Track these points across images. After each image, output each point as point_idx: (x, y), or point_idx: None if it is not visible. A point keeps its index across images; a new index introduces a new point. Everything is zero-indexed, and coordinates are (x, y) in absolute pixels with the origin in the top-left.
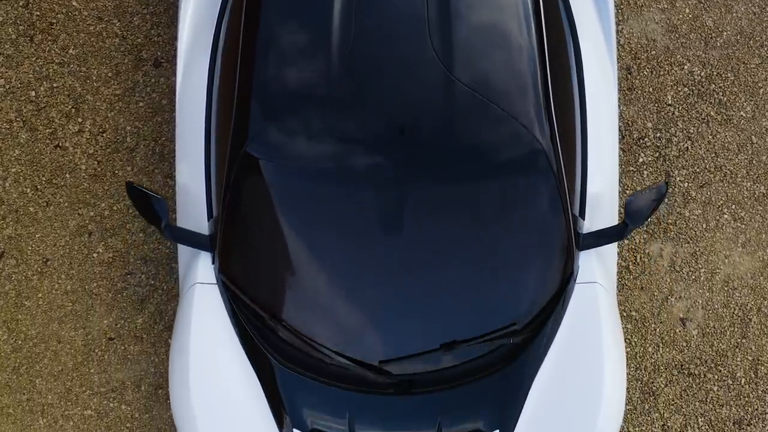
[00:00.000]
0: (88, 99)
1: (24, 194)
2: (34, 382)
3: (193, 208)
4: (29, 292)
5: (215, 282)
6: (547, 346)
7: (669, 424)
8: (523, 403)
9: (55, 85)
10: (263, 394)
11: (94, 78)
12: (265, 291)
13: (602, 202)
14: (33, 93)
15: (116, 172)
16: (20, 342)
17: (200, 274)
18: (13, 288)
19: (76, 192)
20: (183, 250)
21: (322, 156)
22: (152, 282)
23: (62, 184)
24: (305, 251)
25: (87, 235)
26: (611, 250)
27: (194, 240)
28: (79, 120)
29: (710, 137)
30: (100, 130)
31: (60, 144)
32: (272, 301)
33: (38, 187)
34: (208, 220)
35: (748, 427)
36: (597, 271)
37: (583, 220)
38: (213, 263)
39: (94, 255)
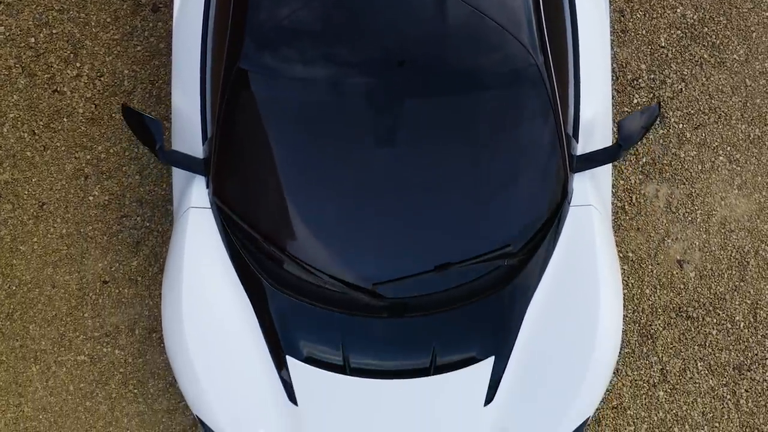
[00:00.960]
0: (87, 44)
1: (21, 139)
2: (28, 328)
3: (188, 134)
4: (24, 236)
5: (209, 206)
6: (542, 269)
7: (668, 368)
8: (519, 328)
9: (54, 31)
10: (256, 321)
11: (93, 23)
12: (258, 213)
13: (595, 129)
14: (32, 39)
15: (113, 115)
16: (14, 288)
17: (194, 199)
18: (8, 233)
19: (74, 136)
20: (177, 177)
21: (316, 72)
22: (147, 224)
23: (60, 128)
24: (299, 171)
25: (83, 179)
26: (606, 175)
27: (188, 163)
28: (78, 65)
29: (704, 80)
30: (98, 74)
31: (58, 89)
32: (266, 223)
33: (36, 131)
34: (203, 144)
35: (748, 373)
36: (591, 195)
37: (577, 143)
38: (207, 188)
39: (90, 198)
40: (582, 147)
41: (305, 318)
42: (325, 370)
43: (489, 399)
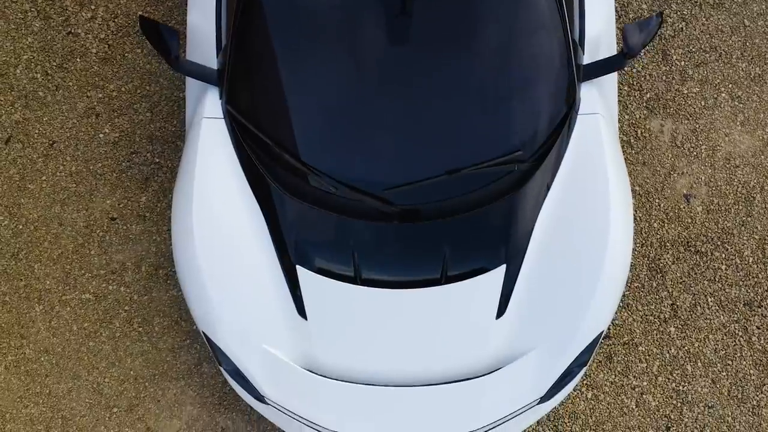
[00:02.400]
0: None
1: (34, 79)
2: (33, 267)
3: (203, 49)
4: (33, 175)
5: (222, 117)
6: (552, 176)
7: (678, 303)
8: (529, 237)
9: None
10: (267, 232)
11: None
12: (271, 120)
13: (600, 48)
14: None
15: (126, 54)
16: (21, 227)
17: (207, 109)
18: (17, 172)
19: (86, 75)
20: (190, 90)
21: None
22: (157, 160)
23: (72, 68)
24: (311, 78)
25: (94, 117)
26: (612, 87)
27: (202, 73)
28: (92, 7)
29: (704, 19)
30: (113, 15)
31: (72, 30)
32: (278, 130)
33: (48, 72)
34: (217, 56)
35: (759, 309)
36: (598, 104)
37: (583, 54)
38: (220, 98)
39: (101, 135)
40: (588, 60)
41: (316, 226)
42: (336, 280)
43: (501, 312)
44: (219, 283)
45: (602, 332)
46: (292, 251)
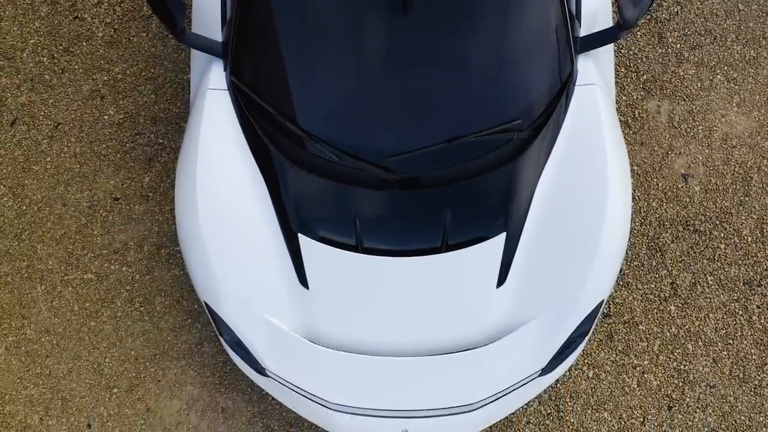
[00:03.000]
0: None
1: (40, 63)
2: (36, 248)
3: (208, 21)
4: (38, 156)
5: (226, 89)
6: (550, 145)
7: (678, 282)
8: (528, 205)
9: None
10: (270, 201)
11: None
12: (273, 89)
13: (596, 23)
14: None
15: (132, 38)
16: (24, 207)
17: (212, 81)
18: (22, 153)
19: (92, 58)
20: (196, 63)
21: None
22: (161, 141)
23: (78, 51)
24: (313, 46)
25: (99, 99)
26: (608, 60)
27: (208, 46)
28: None
29: (699, 3)
30: (119, 0)
31: (79, 15)
32: (280, 99)
33: (55, 55)
34: (222, 29)
35: (759, 288)
36: (595, 75)
37: (580, 27)
38: (225, 70)
39: (105, 117)
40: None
41: (318, 195)
42: (338, 248)
43: (501, 281)
44: (222, 253)
45: (602, 302)
46: (295, 220)
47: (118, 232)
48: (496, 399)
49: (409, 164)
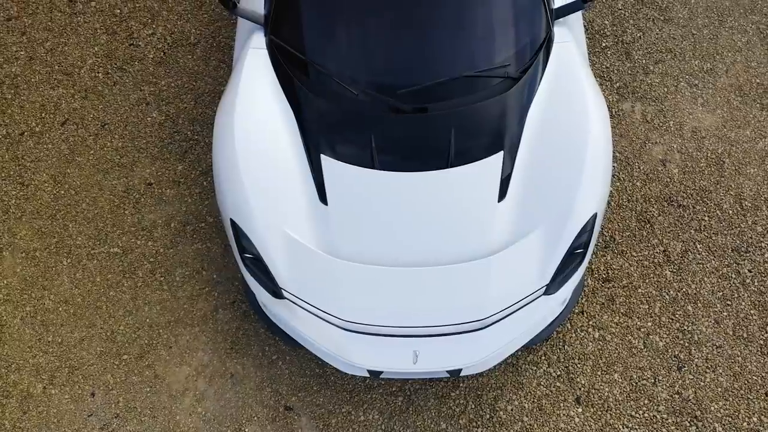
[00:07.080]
0: (163, 13)
1: (95, 77)
2: (68, 226)
3: (253, 3)
4: (82, 149)
5: (265, 48)
6: (537, 81)
7: (669, 250)
8: (522, 127)
9: (137, 4)
10: (299, 134)
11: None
12: (301, 41)
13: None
14: (118, 11)
15: (178, 60)
16: (63, 192)
17: (254, 42)
18: (68, 147)
19: (142, 74)
20: (240, 33)
21: None
22: (196, 138)
23: (130, 69)
24: (333, 6)
25: (145, 105)
26: (579, 27)
27: (253, 16)
28: (153, 26)
29: (657, 30)
30: (170, 33)
31: (134, 42)
32: (307, 46)
33: (109, 72)
34: (264, 5)
35: (747, 254)
36: (569, 36)
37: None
38: (265, 36)
39: (148, 119)
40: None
41: (339, 121)
42: (355, 165)
43: (502, 195)
44: (252, 174)
45: (595, 214)
46: (318, 143)
47: (148, 213)
48: (505, 317)
49: (420, 94)
